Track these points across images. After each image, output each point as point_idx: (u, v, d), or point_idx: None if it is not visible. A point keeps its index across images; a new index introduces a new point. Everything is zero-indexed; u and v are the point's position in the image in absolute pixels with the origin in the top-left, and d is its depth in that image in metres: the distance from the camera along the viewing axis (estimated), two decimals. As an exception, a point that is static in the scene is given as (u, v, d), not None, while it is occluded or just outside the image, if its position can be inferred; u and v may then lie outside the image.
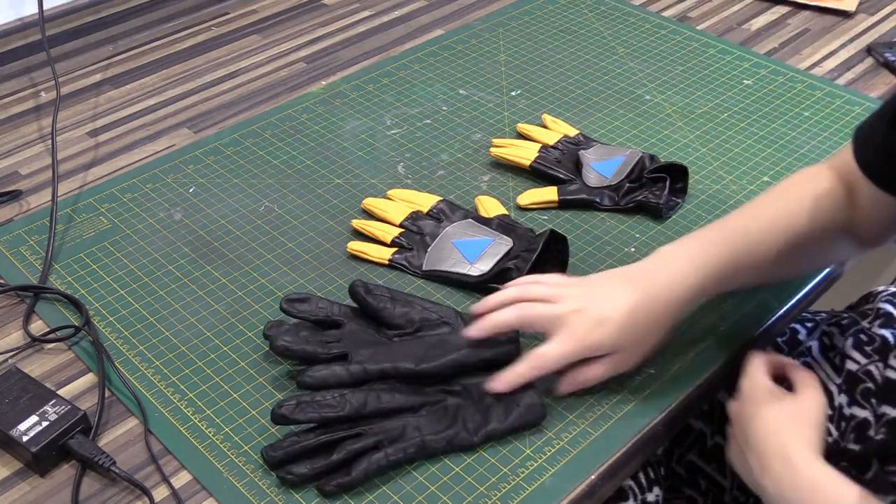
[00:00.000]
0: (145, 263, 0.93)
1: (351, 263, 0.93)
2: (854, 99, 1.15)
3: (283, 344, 0.79)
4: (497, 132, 1.11)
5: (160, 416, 0.78)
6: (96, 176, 1.06)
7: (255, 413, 0.78)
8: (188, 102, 1.18)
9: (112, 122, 1.15)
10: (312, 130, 1.12)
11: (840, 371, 0.87)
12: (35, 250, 0.95)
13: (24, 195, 1.03)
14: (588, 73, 1.22)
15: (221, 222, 0.98)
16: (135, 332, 0.86)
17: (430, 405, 0.76)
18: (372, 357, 0.78)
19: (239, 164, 1.06)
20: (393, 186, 1.02)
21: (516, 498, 0.72)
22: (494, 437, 0.76)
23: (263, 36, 1.31)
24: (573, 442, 0.76)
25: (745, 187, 1.02)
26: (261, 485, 0.73)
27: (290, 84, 1.21)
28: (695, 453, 0.99)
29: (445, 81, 1.20)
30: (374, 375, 0.77)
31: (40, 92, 1.20)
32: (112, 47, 1.28)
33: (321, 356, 0.78)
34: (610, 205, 0.99)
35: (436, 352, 0.79)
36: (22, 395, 0.77)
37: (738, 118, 1.13)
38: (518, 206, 0.99)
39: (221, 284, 0.91)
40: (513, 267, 0.87)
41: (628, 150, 1.02)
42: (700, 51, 1.26)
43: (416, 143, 1.09)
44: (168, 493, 0.73)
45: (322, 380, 0.76)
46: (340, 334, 0.81)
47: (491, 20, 1.34)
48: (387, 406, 0.75)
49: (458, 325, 0.82)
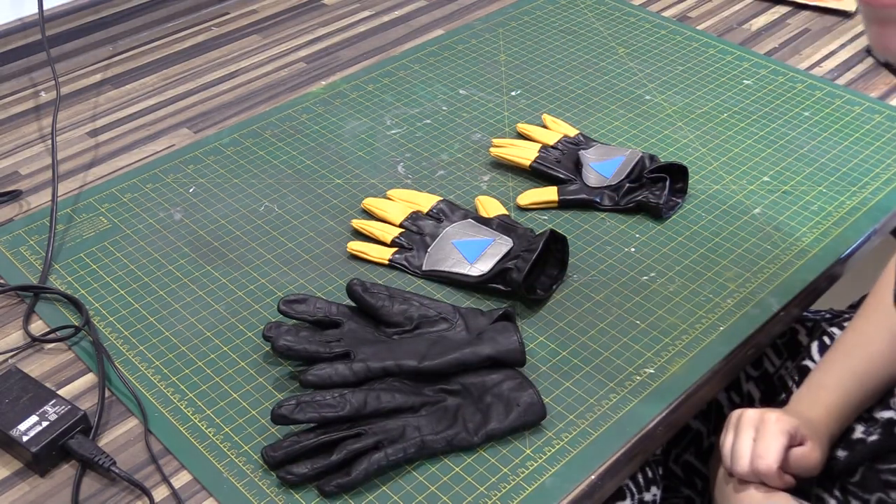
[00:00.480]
0: (145, 263, 0.93)
1: (351, 263, 0.93)
2: (854, 99, 1.15)
3: (285, 344, 0.79)
4: (497, 132, 1.11)
5: (160, 416, 0.78)
6: (96, 176, 1.06)
7: (255, 413, 0.78)
8: (188, 102, 1.18)
9: (112, 122, 1.15)
10: (312, 130, 1.12)
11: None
12: (35, 250, 0.95)
13: (24, 195, 1.03)
14: (588, 73, 1.22)
15: (221, 222, 0.98)
16: (135, 332, 0.86)
17: (430, 405, 0.76)
18: (374, 355, 0.78)
19: (239, 164, 1.06)
20: (393, 186, 1.02)
21: (516, 498, 0.72)
22: (494, 437, 0.76)
23: (263, 36, 1.31)
24: (573, 442, 0.76)
25: (745, 187, 1.02)
26: (261, 485, 0.73)
27: (290, 84, 1.21)
28: (691, 453, 0.99)
29: (445, 81, 1.20)
30: (377, 373, 0.77)
31: (40, 92, 1.20)
32: (112, 47, 1.28)
33: (324, 355, 0.78)
34: (610, 205, 0.99)
35: (437, 349, 0.79)
36: (22, 395, 0.77)
37: (738, 118, 1.13)
38: (518, 206, 0.99)
39: (221, 284, 0.91)
40: (513, 267, 0.87)
41: (628, 150, 1.02)
42: (700, 51, 1.26)
43: (416, 143, 1.09)
44: (168, 493, 0.73)
45: (326, 378, 0.76)
46: (340, 333, 0.81)
47: (491, 20, 1.34)
48: (387, 406, 0.75)
49: (456, 321, 0.82)
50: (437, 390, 0.77)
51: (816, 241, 0.95)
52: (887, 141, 1.08)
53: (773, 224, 0.97)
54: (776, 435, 0.76)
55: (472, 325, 0.82)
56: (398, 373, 0.77)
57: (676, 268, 0.92)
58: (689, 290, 0.90)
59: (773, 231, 0.96)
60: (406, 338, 0.81)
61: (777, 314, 0.88)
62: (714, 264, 0.93)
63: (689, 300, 0.89)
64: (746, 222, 0.98)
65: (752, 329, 0.86)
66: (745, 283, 0.90)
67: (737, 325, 0.86)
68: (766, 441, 0.76)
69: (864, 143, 1.08)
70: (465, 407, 0.76)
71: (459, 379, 0.78)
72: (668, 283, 0.91)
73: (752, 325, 0.86)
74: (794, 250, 0.94)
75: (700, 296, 0.89)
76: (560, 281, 0.90)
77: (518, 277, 0.85)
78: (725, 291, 0.90)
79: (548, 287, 0.89)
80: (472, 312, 0.84)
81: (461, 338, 0.81)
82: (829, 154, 1.07)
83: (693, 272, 0.92)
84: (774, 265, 0.92)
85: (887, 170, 1.04)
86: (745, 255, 0.94)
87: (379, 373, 0.77)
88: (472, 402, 0.77)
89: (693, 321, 0.87)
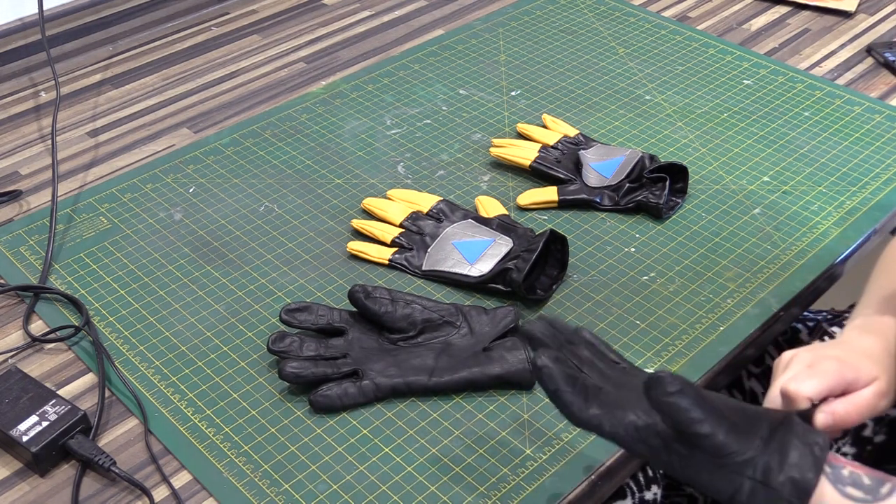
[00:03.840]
0: (145, 263, 0.93)
1: (351, 263, 0.93)
2: (854, 99, 1.15)
3: (292, 372, 0.78)
4: (497, 132, 1.11)
5: (160, 416, 0.78)
6: (96, 176, 1.06)
7: (255, 413, 0.78)
8: (188, 102, 1.18)
9: (112, 122, 1.15)
10: (312, 130, 1.12)
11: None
12: (35, 250, 0.95)
13: (24, 195, 1.03)
14: (588, 73, 1.22)
15: (221, 222, 0.98)
16: (135, 332, 0.86)
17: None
18: (382, 371, 0.79)
19: (239, 164, 1.06)
20: (393, 186, 1.02)
21: (516, 498, 0.72)
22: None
23: (263, 36, 1.31)
24: (573, 442, 0.76)
25: (745, 187, 1.02)
26: (261, 485, 0.73)
27: (290, 84, 1.21)
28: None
29: (445, 81, 1.20)
30: (386, 392, 0.79)
31: (40, 92, 1.20)
32: (112, 47, 1.28)
33: (332, 377, 0.79)
34: (610, 205, 0.99)
35: (445, 361, 0.80)
36: (22, 395, 0.77)
37: (738, 118, 1.13)
38: (518, 206, 0.99)
39: (221, 284, 0.91)
40: (513, 267, 0.87)
41: (628, 150, 1.02)
42: (700, 51, 1.26)
43: (416, 143, 1.09)
44: (168, 493, 0.73)
45: (335, 398, 0.78)
46: (346, 346, 0.81)
47: (491, 20, 1.34)
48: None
49: (459, 323, 0.82)
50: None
51: (816, 240, 0.95)
52: (887, 141, 1.08)
53: (773, 224, 0.97)
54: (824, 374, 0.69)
55: (475, 326, 0.83)
56: (407, 392, 0.79)
57: (676, 268, 0.92)
58: (689, 290, 0.90)
59: (773, 231, 0.96)
60: (412, 348, 0.81)
61: (777, 314, 0.88)
62: (714, 264, 0.93)
63: (689, 300, 0.89)
64: (746, 222, 0.98)
65: (752, 329, 0.86)
66: (745, 283, 0.90)
67: (737, 325, 0.86)
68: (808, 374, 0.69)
69: (864, 143, 1.08)
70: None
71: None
72: (668, 283, 0.91)
73: (752, 325, 0.86)
74: (794, 250, 0.94)
75: (700, 296, 0.89)
76: (560, 281, 0.90)
77: (518, 277, 0.85)
78: (725, 291, 0.90)
79: (548, 287, 0.89)
80: (475, 311, 0.84)
81: (466, 343, 0.81)
82: (829, 154, 1.07)
83: (693, 272, 0.92)
84: (774, 265, 0.92)
85: (887, 170, 1.04)
86: (745, 255, 0.94)
87: (388, 392, 0.79)
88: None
89: (693, 321, 0.87)
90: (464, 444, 0.76)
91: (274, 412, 0.78)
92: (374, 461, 0.75)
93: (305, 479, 0.73)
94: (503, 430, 0.77)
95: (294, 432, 0.77)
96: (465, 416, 0.78)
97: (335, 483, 0.73)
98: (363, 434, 0.77)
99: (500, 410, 0.79)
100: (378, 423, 0.78)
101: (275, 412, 0.78)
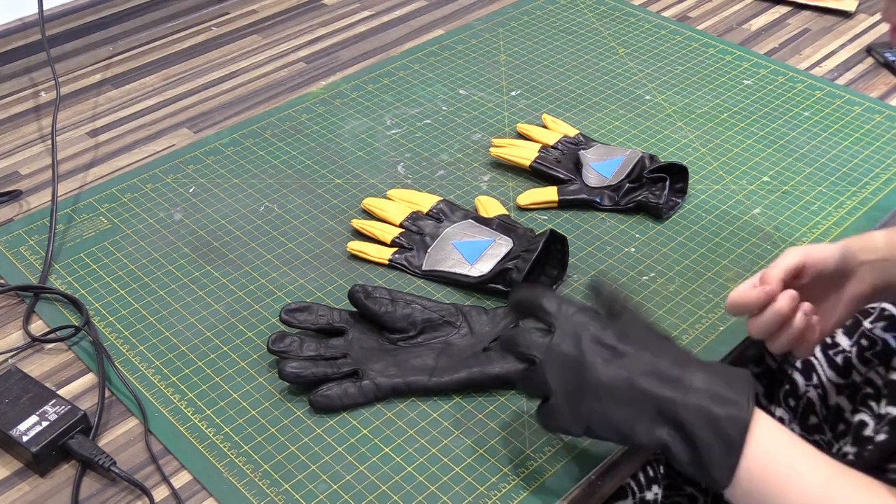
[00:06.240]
0: (145, 263, 0.93)
1: (351, 263, 0.93)
2: (854, 99, 1.15)
3: (292, 372, 0.78)
4: (497, 132, 1.11)
5: (160, 416, 0.78)
6: (96, 176, 1.06)
7: (255, 413, 0.78)
8: (188, 102, 1.18)
9: (112, 122, 1.15)
10: (312, 130, 1.12)
11: (839, 370, 0.87)
12: (35, 250, 0.95)
13: (24, 195, 1.03)
14: (588, 73, 1.22)
15: (221, 222, 0.98)
16: (135, 332, 0.86)
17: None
18: (382, 371, 0.79)
19: (239, 164, 1.06)
20: (393, 186, 1.02)
21: (516, 498, 0.72)
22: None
23: (263, 36, 1.31)
24: (573, 442, 0.76)
25: (745, 187, 1.02)
26: (261, 485, 0.73)
27: (290, 84, 1.21)
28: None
29: (445, 81, 1.20)
30: (387, 392, 0.79)
31: (40, 92, 1.20)
32: (112, 47, 1.28)
33: (332, 377, 0.79)
34: (610, 205, 0.99)
35: (445, 361, 0.80)
36: (22, 395, 0.77)
37: (738, 118, 1.13)
38: (518, 206, 0.99)
39: (221, 284, 0.91)
40: (513, 267, 0.87)
41: (628, 150, 1.02)
42: (700, 51, 1.26)
43: (416, 143, 1.09)
44: (168, 493, 0.73)
45: (335, 398, 0.78)
46: (346, 346, 0.81)
47: (491, 20, 1.34)
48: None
49: (459, 323, 0.83)
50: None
51: (816, 241, 0.95)
52: (887, 141, 1.08)
53: (773, 224, 0.97)
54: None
55: (475, 326, 0.83)
56: (407, 392, 0.79)
57: (676, 268, 0.92)
58: (689, 290, 0.90)
59: (773, 231, 0.96)
60: (412, 348, 0.81)
61: (777, 314, 0.88)
62: (714, 264, 0.93)
63: (689, 300, 0.89)
64: (746, 222, 0.98)
65: (752, 329, 0.86)
66: (745, 283, 0.90)
67: (737, 325, 0.86)
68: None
69: (864, 143, 1.08)
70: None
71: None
72: (668, 283, 0.91)
73: (752, 325, 0.86)
74: (794, 250, 0.94)
75: (700, 296, 0.89)
76: (560, 281, 0.90)
77: (518, 278, 0.85)
78: (725, 291, 0.89)
79: (548, 287, 0.89)
80: (475, 311, 0.84)
81: (466, 343, 0.81)
82: (829, 154, 1.07)
83: (693, 272, 0.92)
84: (774, 265, 0.92)
85: (887, 170, 1.04)
86: (745, 255, 0.94)
87: (388, 392, 0.79)
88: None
89: (693, 321, 0.87)
90: (464, 444, 0.76)
91: (274, 412, 0.78)
92: (374, 461, 0.75)
93: (305, 479, 0.73)
94: (503, 430, 0.77)
95: (294, 432, 0.77)
96: (465, 416, 0.78)
97: (335, 483, 0.73)
98: (363, 434, 0.77)
99: (500, 410, 0.79)
100: (378, 423, 0.78)
101: (275, 412, 0.78)
